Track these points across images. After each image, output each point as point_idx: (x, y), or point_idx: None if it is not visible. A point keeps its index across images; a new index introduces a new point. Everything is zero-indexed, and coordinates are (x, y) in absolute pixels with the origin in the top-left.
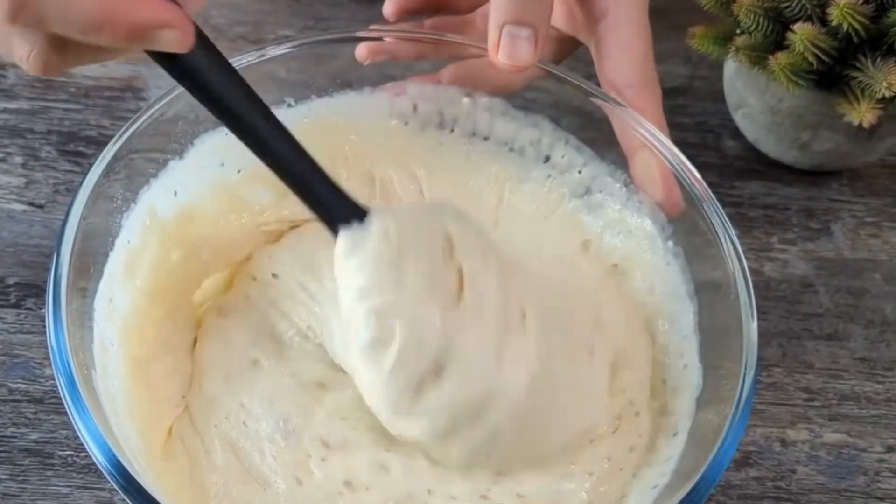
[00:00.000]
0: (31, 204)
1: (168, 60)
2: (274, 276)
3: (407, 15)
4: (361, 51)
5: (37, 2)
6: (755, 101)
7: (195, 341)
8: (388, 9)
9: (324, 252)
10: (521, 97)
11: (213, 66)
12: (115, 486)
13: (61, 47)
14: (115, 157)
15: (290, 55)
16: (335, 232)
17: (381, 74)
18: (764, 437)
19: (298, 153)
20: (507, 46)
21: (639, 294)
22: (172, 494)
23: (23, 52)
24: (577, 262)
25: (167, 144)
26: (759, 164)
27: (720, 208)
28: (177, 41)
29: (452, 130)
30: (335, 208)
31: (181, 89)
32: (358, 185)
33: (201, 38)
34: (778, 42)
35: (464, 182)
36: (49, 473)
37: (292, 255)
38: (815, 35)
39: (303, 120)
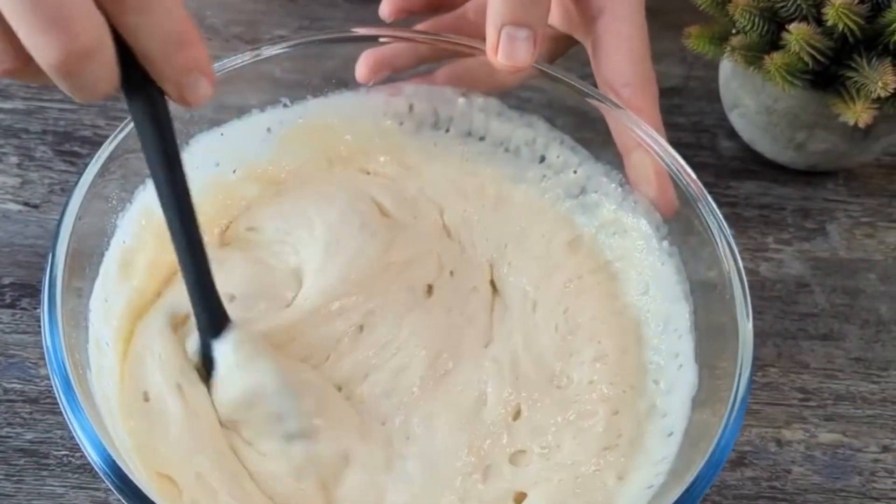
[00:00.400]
0: (26, 204)
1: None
2: (251, 229)
3: (404, 15)
4: (362, 71)
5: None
6: (751, 101)
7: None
8: (385, 9)
9: (302, 203)
10: (517, 97)
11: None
12: (111, 486)
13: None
14: (111, 157)
15: (285, 55)
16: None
17: None
18: (759, 437)
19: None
20: (505, 47)
21: (633, 294)
22: (168, 494)
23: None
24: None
25: None
26: (754, 164)
27: (716, 208)
28: (205, 91)
29: (448, 130)
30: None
31: None
32: (354, 184)
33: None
34: (773, 42)
35: (459, 182)
36: (44, 473)
37: (272, 212)
38: (811, 35)
39: (298, 120)
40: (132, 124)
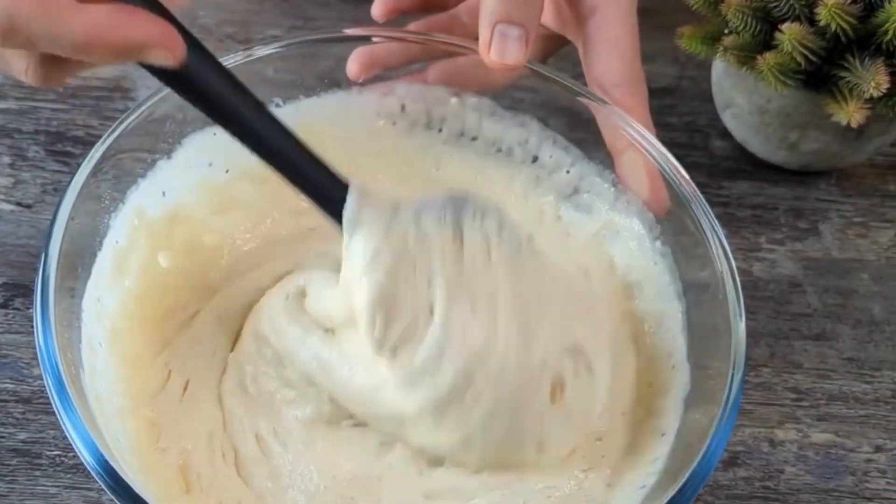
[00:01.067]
0: (18, 204)
1: (156, 70)
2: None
3: (396, 15)
4: (354, 69)
5: (24, 26)
6: (743, 101)
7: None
8: (377, 10)
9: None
10: (509, 97)
11: (203, 69)
12: (103, 486)
13: (55, 61)
14: (103, 157)
15: (277, 55)
16: (337, 219)
17: None
18: (752, 437)
19: (295, 146)
20: (498, 45)
21: (627, 293)
22: (161, 494)
23: (20, 67)
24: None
25: (155, 144)
26: (747, 164)
27: (708, 208)
28: (165, 58)
29: (440, 130)
30: (331, 194)
31: (169, 89)
32: None
33: (189, 40)
34: (766, 42)
35: None
36: (37, 473)
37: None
38: (804, 35)
39: (290, 120)
40: (123, 125)
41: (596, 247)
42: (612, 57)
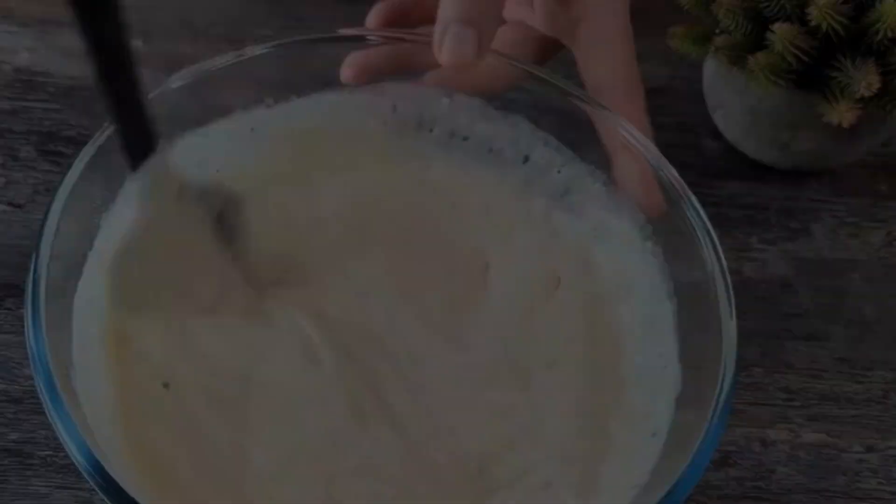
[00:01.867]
0: (10, 204)
1: None
2: None
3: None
4: (347, 74)
5: None
6: (735, 101)
7: None
8: (371, 22)
9: None
10: (501, 97)
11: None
12: (95, 487)
13: None
14: (95, 157)
15: (269, 55)
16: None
17: None
18: (743, 437)
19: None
20: (449, 45)
21: (616, 294)
22: (153, 494)
23: None
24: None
25: None
26: (738, 164)
27: (700, 208)
28: None
29: (431, 131)
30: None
31: (160, 90)
32: (338, 185)
33: None
34: (757, 42)
35: None
36: (28, 473)
37: None
38: (795, 35)
39: (282, 120)
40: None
41: (580, 250)
42: (606, 59)
